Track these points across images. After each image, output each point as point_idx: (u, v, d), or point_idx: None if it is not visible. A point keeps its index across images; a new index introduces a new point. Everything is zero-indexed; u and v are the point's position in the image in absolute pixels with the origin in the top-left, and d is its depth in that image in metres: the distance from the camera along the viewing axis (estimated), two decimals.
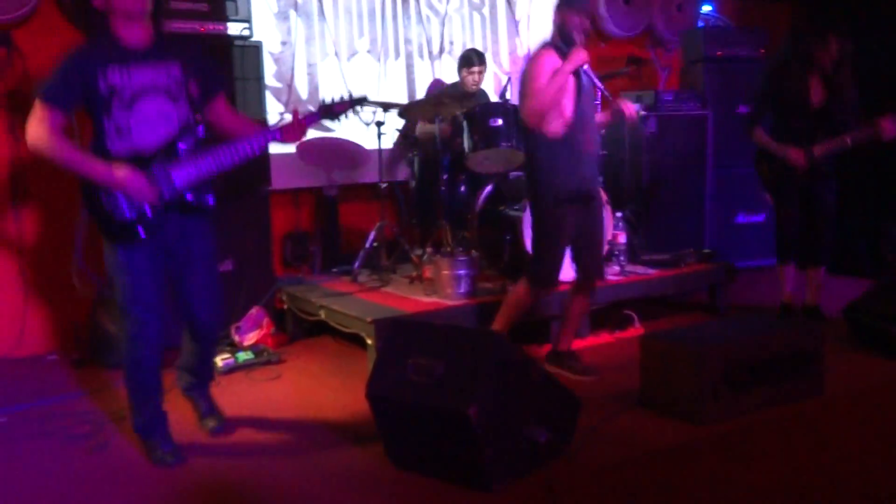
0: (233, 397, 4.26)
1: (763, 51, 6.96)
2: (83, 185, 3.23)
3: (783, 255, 5.25)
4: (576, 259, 4.36)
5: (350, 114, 3.63)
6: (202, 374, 3.84)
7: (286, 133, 3.46)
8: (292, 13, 5.92)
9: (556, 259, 4.24)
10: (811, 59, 4.94)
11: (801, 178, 4.99)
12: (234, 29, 5.05)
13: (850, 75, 4.96)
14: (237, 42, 5.09)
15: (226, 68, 5.00)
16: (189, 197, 3.34)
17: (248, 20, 5.11)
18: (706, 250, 6.01)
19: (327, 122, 3.94)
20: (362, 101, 3.63)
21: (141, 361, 3.42)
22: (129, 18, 3.20)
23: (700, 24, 7.66)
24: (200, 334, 3.64)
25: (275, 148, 5.48)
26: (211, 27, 4.94)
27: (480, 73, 5.85)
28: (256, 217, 5.23)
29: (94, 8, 3.20)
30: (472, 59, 5.85)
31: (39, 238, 5.14)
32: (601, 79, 4.15)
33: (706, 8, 7.75)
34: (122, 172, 3.15)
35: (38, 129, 3.13)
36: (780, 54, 5.35)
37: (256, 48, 5.24)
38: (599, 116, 4.45)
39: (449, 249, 5.19)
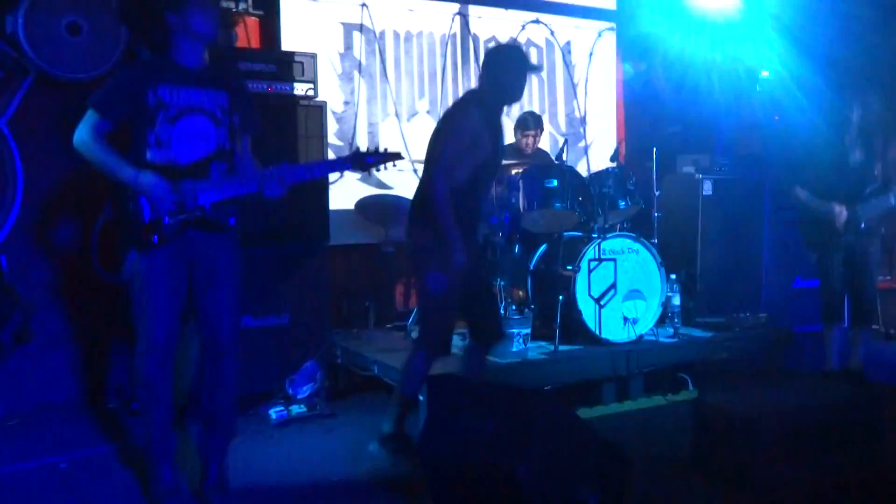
0: (285, 450, 4.32)
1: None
2: (112, 187, 3.36)
3: (829, 315, 5.17)
4: (472, 323, 4.20)
5: (382, 168, 3.62)
6: (220, 420, 3.62)
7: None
8: (356, 74, 6.11)
9: (452, 324, 4.11)
10: (844, 119, 4.98)
11: (845, 235, 4.97)
12: (299, 89, 5.22)
13: (884, 132, 4.99)
14: (302, 102, 5.26)
15: (290, 127, 5.17)
16: (210, 214, 3.41)
17: (313, 81, 5.29)
18: (762, 314, 5.95)
19: (358, 172, 3.79)
20: (396, 156, 3.63)
21: (146, 375, 3.42)
22: (195, 40, 3.39)
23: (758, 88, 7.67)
24: (220, 352, 3.55)
25: (334, 204, 5.62)
26: (278, 87, 5.12)
27: (535, 136, 5.93)
28: (313, 271, 5.32)
29: (164, 25, 3.35)
30: (528, 122, 5.95)
31: (101, 287, 5.28)
32: None
33: (765, 73, 7.76)
34: (148, 178, 3.28)
35: (82, 131, 3.34)
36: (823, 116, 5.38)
37: (320, 108, 5.40)
38: None
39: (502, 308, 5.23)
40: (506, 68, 4.03)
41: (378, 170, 3.68)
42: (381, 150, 3.63)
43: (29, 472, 4.04)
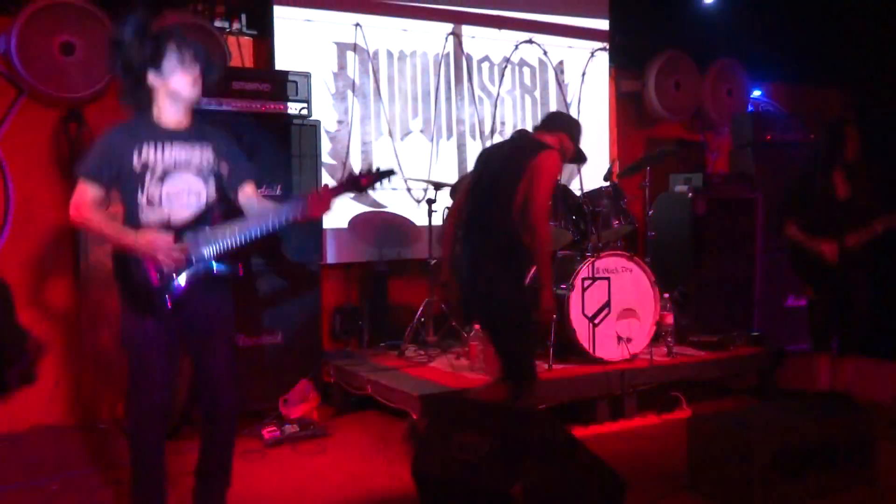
0: (278, 470, 4.30)
1: (813, 136, 6.98)
2: (115, 254, 3.32)
3: (818, 344, 5.19)
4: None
5: (377, 186, 3.55)
6: (217, 471, 3.54)
7: (312, 206, 3.34)
8: (349, 94, 6.12)
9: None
10: (834, 153, 5.00)
11: (836, 269, 4.98)
12: (293, 108, 5.24)
13: (871, 164, 5.03)
14: (296, 121, 5.27)
15: (284, 146, 5.19)
16: (216, 267, 3.35)
17: (307, 100, 5.30)
18: (755, 333, 5.96)
19: (354, 194, 3.77)
20: (389, 174, 3.57)
21: (140, 436, 3.35)
22: (177, 101, 3.34)
23: (750, 108, 7.73)
24: (221, 413, 3.49)
25: (328, 223, 5.63)
26: (272, 107, 5.15)
27: None
28: (307, 290, 5.32)
29: (145, 85, 3.31)
30: None
31: (96, 307, 5.26)
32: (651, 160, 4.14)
33: (756, 93, 7.83)
34: (149, 236, 3.23)
35: (76, 202, 3.27)
36: (812, 151, 5.40)
37: (314, 127, 5.41)
38: None
39: None
40: (575, 136, 4.22)
41: (374, 188, 3.68)
42: (374, 169, 3.62)
43: (19, 493, 4.01)
